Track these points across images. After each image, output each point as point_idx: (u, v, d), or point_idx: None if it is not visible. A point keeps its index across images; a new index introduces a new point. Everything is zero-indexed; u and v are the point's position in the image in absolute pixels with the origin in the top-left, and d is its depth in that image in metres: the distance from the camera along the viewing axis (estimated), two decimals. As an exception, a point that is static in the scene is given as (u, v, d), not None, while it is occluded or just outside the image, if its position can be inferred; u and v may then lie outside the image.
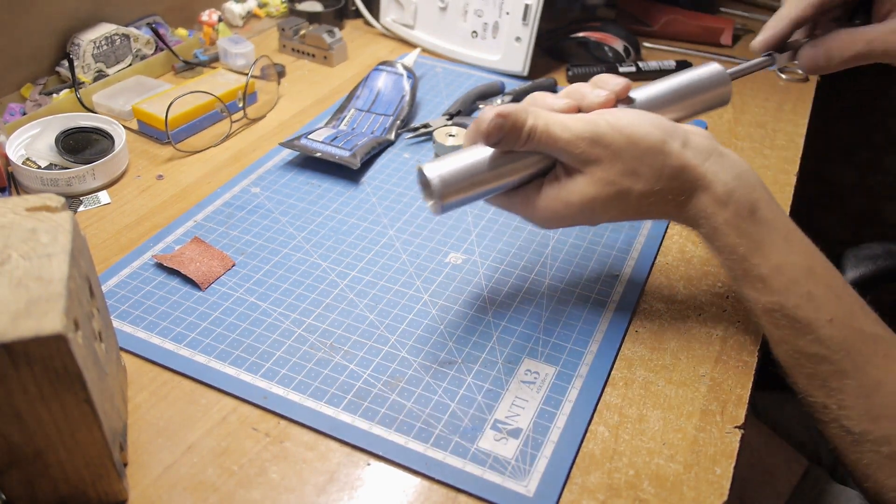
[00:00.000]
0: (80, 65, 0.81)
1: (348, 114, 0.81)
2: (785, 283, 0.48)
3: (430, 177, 0.48)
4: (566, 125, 0.48)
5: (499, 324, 0.56)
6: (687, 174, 0.49)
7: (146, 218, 0.66)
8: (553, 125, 0.48)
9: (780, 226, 0.49)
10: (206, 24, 0.95)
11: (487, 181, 0.50)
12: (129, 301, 0.57)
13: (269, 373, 0.52)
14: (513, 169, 0.50)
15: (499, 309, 0.58)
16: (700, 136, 0.51)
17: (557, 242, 0.65)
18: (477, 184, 0.50)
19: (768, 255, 0.49)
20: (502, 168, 0.50)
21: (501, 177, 0.50)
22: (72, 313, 0.37)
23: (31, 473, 0.40)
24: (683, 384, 0.52)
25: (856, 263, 0.83)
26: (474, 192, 0.50)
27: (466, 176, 0.49)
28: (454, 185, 0.49)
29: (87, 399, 0.38)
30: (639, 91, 0.53)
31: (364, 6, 1.03)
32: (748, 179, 0.50)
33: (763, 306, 0.49)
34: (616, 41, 0.94)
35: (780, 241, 0.49)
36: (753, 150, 0.80)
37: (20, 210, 0.42)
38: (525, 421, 0.49)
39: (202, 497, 0.44)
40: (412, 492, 0.45)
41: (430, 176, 0.48)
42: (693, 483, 0.46)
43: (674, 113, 0.54)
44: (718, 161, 0.49)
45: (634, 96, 0.53)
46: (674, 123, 0.51)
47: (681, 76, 0.54)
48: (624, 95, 0.52)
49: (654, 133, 0.49)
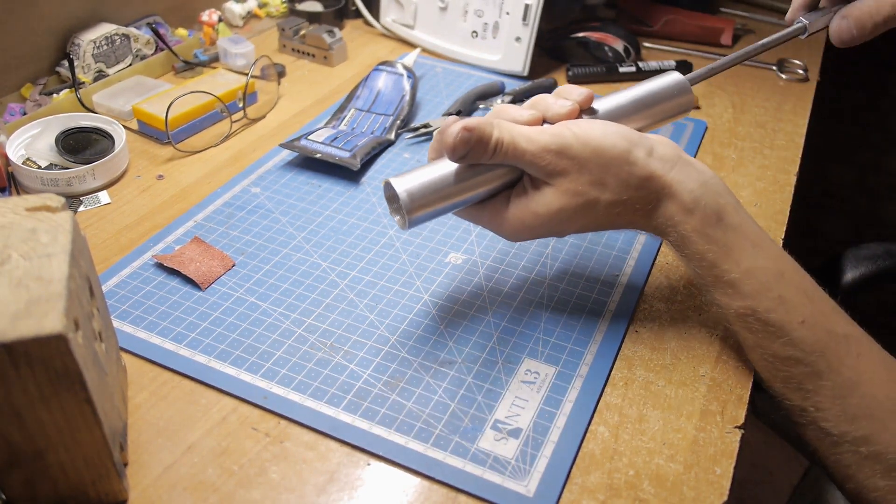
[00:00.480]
0: (80, 65, 0.81)
1: (348, 114, 0.81)
2: (756, 287, 0.48)
3: (399, 191, 0.48)
4: (532, 138, 0.49)
5: (499, 324, 0.56)
6: (653, 183, 0.49)
7: (146, 218, 0.66)
8: (519, 138, 0.49)
9: (748, 231, 0.50)
10: (206, 24, 0.95)
11: (454, 195, 0.50)
12: (129, 301, 0.57)
13: (269, 373, 0.52)
14: (479, 182, 0.50)
15: (499, 309, 0.58)
16: (665, 145, 0.51)
17: (557, 242, 0.65)
18: (444, 197, 0.50)
19: (738, 260, 0.49)
20: (469, 181, 0.50)
21: (468, 190, 0.50)
22: (72, 313, 0.37)
23: (31, 473, 0.40)
24: (683, 384, 0.52)
25: (856, 263, 0.83)
26: (441, 205, 0.50)
27: (433, 190, 0.49)
28: (421, 199, 0.49)
29: (87, 399, 0.38)
30: (602, 101, 0.54)
31: (364, 6, 1.03)
32: (714, 186, 0.50)
33: (735, 311, 0.49)
34: (616, 41, 0.94)
35: (748, 247, 0.49)
36: (753, 150, 0.80)
37: (20, 210, 0.42)
38: (525, 421, 0.49)
39: (202, 497, 0.44)
40: (412, 492, 0.45)
41: (399, 190, 0.48)
42: (693, 483, 0.46)
43: (637, 122, 0.54)
44: (684, 169, 0.50)
45: (597, 107, 0.53)
46: (639, 133, 0.51)
47: (643, 86, 0.55)
48: (587, 106, 0.53)
49: (620, 143, 0.49)
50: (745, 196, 0.72)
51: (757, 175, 0.75)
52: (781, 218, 0.69)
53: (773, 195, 0.72)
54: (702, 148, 0.80)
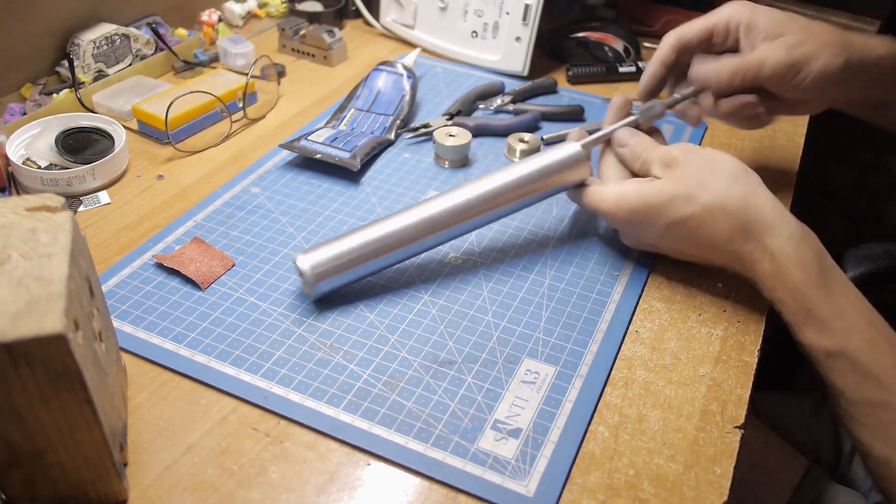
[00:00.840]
0: (80, 65, 0.81)
1: (348, 114, 0.81)
2: (847, 326, 0.49)
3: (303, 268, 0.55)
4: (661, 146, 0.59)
5: (499, 324, 0.56)
6: (756, 209, 0.52)
7: (146, 218, 0.66)
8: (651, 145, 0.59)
9: (839, 275, 0.51)
10: (206, 24, 0.95)
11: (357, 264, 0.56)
12: (129, 301, 0.57)
13: (269, 373, 0.52)
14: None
15: (499, 309, 0.58)
16: None
17: (557, 242, 0.65)
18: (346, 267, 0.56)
19: (832, 296, 0.50)
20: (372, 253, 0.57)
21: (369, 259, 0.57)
22: (72, 313, 0.37)
23: (31, 473, 0.40)
24: (683, 384, 0.52)
25: (855, 263, 0.83)
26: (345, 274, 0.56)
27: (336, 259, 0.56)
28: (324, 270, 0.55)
29: (87, 399, 0.38)
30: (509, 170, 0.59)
31: (364, 6, 1.03)
32: (810, 233, 0.53)
33: (825, 350, 0.50)
34: (616, 41, 0.94)
35: (840, 288, 0.51)
36: (753, 150, 0.80)
37: (20, 210, 0.42)
38: (525, 421, 0.49)
39: (202, 497, 0.44)
40: (412, 492, 0.45)
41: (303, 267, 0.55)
42: (693, 483, 0.46)
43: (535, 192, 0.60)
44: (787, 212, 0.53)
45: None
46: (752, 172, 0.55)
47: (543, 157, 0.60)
48: None
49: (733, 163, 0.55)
50: (745, 196, 0.72)
51: (757, 175, 0.75)
52: (781, 218, 0.69)
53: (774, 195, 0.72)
54: (702, 148, 0.80)
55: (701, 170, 0.54)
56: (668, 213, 0.54)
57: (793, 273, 0.51)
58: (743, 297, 0.59)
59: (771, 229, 0.52)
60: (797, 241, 0.51)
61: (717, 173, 0.54)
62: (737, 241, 0.53)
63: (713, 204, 0.53)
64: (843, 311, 0.50)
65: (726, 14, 0.61)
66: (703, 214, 0.53)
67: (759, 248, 0.52)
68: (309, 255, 0.56)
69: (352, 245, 0.56)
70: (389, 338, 0.55)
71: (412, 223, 0.57)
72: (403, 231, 0.57)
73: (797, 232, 0.52)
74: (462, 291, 0.59)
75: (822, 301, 0.50)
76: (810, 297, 0.50)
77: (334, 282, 0.56)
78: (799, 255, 0.51)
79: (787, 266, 0.51)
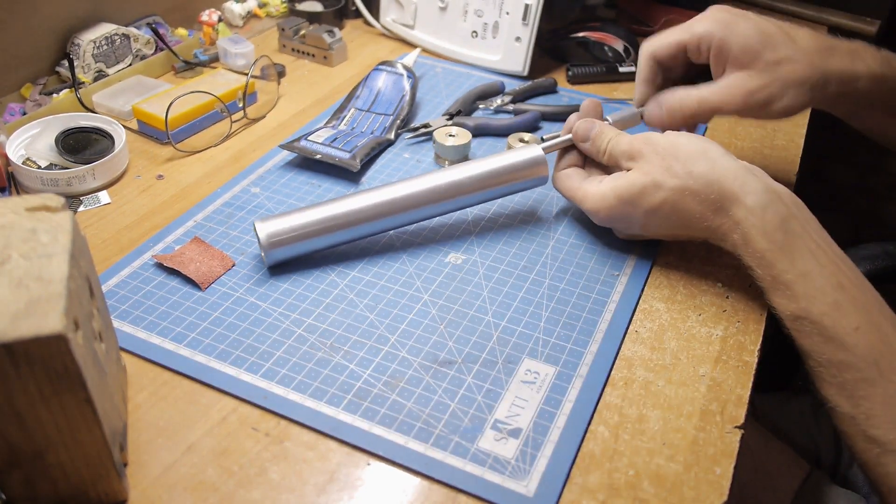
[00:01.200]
0: (80, 65, 0.81)
1: (348, 113, 0.81)
2: (811, 290, 0.50)
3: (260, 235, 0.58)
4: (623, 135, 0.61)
5: (499, 324, 0.56)
6: (720, 184, 0.53)
7: (146, 218, 0.66)
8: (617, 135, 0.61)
9: (809, 240, 0.52)
10: (206, 24, 0.95)
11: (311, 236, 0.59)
12: (129, 301, 0.57)
13: (269, 373, 0.52)
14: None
15: (499, 309, 0.58)
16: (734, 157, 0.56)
17: (557, 242, 0.65)
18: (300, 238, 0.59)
19: (795, 262, 0.51)
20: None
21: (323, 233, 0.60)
22: (72, 313, 0.37)
23: (31, 473, 0.40)
24: (683, 384, 0.52)
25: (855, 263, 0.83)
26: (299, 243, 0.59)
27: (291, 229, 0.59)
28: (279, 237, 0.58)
29: (87, 399, 0.38)
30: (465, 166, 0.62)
31: (364, 6, 1.03)
32: (784, 198, 0.53)
33: (791, 313, 0.51)
34: (616, 41, 0.94)
35: (806, 252, 0.51)
36: (753, 150, 0.80)
37: (20, 210, 0.42)
38: (525, 421, 0.49)
39: (202, 497, 0.44)
40: (412, 492, 0.45)
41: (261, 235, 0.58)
42: (693, 483, 0.46)
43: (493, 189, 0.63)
44: (751, 177, 0.53)
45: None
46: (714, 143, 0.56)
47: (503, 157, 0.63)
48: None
49: (695, 142, 0.56)
50: (745, 196, 0.72)
51: (757, 175, 0.75)
52: (781, 218, 0.69)
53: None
54: (702, 148, 0.80)
55: (663, 156, 0.56)
56: (643, 204, 0.57)
57: (757, 241, 0.52)
58: (743, 297, 0.59)
59: (736, 200, 0.53)
60: (761, 209, 0.52)
61: (679, 156, 0.55)
62: (709, 217, 0.54)
63: (679, 187, 0.55)
64: (806, 276, 0.51)
65: (699, 32, 0.62)
66: (673, 198, 0.55)
67: (728, 220, 0.54)
68: (268, 223, 0.59)
69: (310, 219, 0.59)
70: (389, 338, 0.55)
71: (372, 203, 0.60)
72: (363, 210, 0.60)
73: (762, 199, 0.52)
74: (462, 291, 0.59)
75: (785, 266, 0.51)
76: (774, 264, 0.52)
77: (287, 251, 0.59)
78: (763, 222, 0.52)
79: (752, 234, 0.52)
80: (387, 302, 0.58)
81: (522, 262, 0.63)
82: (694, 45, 0.62)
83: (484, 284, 0.60)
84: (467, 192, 0.62)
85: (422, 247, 0.64)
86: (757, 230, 0.52)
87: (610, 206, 0.58)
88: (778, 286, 0.52)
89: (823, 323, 0.49)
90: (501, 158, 0.63)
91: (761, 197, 0.53)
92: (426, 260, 0.62)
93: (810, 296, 0.50)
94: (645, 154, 0.57)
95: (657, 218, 0.57)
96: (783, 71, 0.59)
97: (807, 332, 0.51)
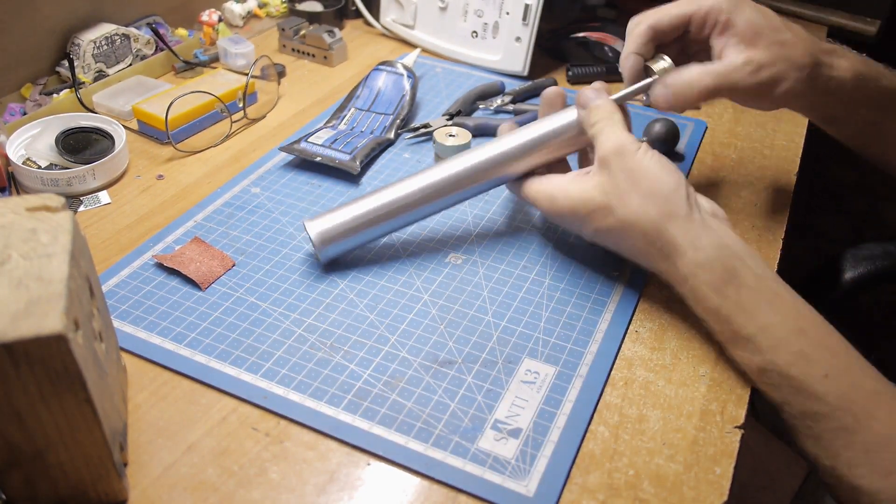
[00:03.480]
0: (81, 65, 0.81)
1: (348, 113, 0.81)
2: (773, 341, 0.49)
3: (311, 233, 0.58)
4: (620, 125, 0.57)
5: (499, 324, 0.56)
6: (666, 234, 0.52)
7: (146, 218, 0.66)
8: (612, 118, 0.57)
9: (764, 289, 0.50)
10: (206, 24, 0.95)
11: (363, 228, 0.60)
12: (129, 301, 0.57)
13: (269, 373, 0.52)
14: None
15: (499, 309, 0.58)
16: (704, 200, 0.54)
17: (557, 243, 0.65)
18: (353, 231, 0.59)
19: (752, 315, 0.50)
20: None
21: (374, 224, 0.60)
22: (72, 313, 0.37)
23: (31, 473, 0.40)
24: (683, 384, 0.52)
25: (854, 264, 0.83)
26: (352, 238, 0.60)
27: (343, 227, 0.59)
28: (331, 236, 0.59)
29: (87, 399, 0.38)
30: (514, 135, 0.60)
31: (364, 6, 1.03)
32: (732, 249, 0.51)
33: (757, 367, 0.50)
34: (616, 41, 0.94)
35: (763, 303, 0.50)
36: (753, 150, 0.80)
37: (20, 210, 0.42)
38: (525, 421, 0.49)
39: (202, 497, 0.44)
40: (412, 492, 0.45)
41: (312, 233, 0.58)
42: (693, 483, 0.46)
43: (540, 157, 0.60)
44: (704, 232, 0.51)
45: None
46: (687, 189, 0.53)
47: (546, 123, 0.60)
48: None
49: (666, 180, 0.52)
50: (745, 196, 0.72)
51: (757, 175, 0.75)
52: (781, 218, 0.69)
53: (773, 195, 0.72)
54: (702, 148, 0.80)
55: (624, 181, 0.53)
56: (592, 222, 0.56)
57: (709, 298, 0.51)
58: (743, 297, 0.59)
59: (682, 254, 0.51)
60: (710, 264, 0.50)
61: (638, 187, 0.53)
62: (653, 258, 0.54)
63: (627, 220, 0.53)
64: (767, 328, 0.49)
65: (708, 4, 0.59)
66: (619, 227, 0.54)
67: (673, 269, 0.53)
68: (317, 221, 0.59)
69: (358, 212, 0.59)
70: (389, 338, 0.55)
71: (417, 188, 0.60)
72: (408, 196, 0.60)
73: (710, 255, 0.51)
74: (462, 291, 0.59)
75: (743, 321, 0.50)
76: (731, 319, 0.50)
77: (341, 246, 0.60)
78: (712, 279, 0.50)
79: (702, 290, 0.51)
80: (387, 302, 0.58)
81: (522, 262, 0.63)
82: (700, 17, 0.60)
83: (484, 284, 0.60)
84: (510, 165, 0.60)
85: (422, 247, 0.64)
86: (707, 286, 0.51)
87: (558, 211, 0.57)
88: (738, 340, 0.50)
89: (790, 373, 0.48)
90: (541, 125, 0.60)
91: (709, 253, 0.51)
92: (426, 260, 0.62)
93: (774, 347, 0.49)
94: (611, 168, 0.54)
95: (604, 238, 0.56)
96: (786, 51, 0.58)
97: (775, 385, 0.49)
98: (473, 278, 0.61)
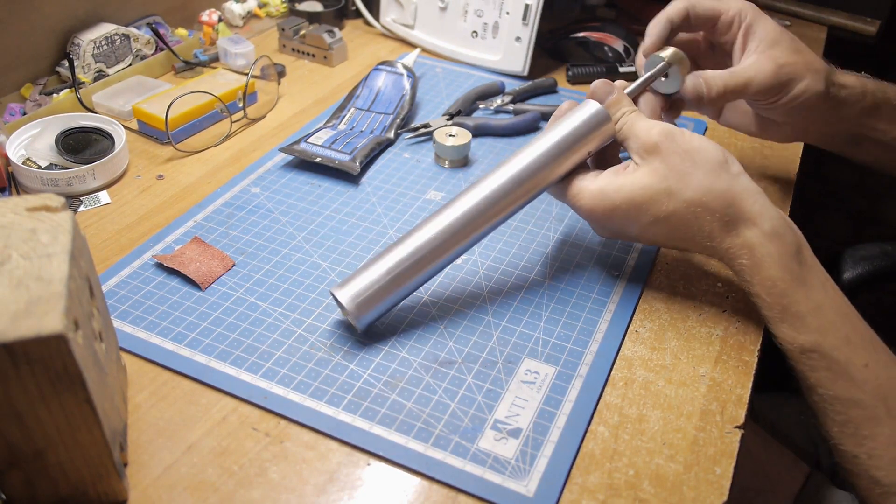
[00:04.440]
0: (80, 65, 0.81)
1: (348, 113, 0.81)
2: (823, 323, 0.49)
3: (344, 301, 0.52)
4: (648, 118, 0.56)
5: (499, 324, 0.56)
6: (737, 205, 0.51)
7: (146, 218, 0.66)
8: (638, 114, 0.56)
9: (818, 271, 0.51)
10: (206, 24, 0.95)
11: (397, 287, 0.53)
12: (129, 301, 0.57)
13: (269, 373, 0.52)
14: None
15: (499, 309, 0.58)
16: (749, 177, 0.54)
17: (557, 242, 0.65)
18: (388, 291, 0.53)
19: (810, 293, 0.50)
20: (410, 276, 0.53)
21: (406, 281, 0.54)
22: (72, 313, 0.37)
23: (31, 473, 0.40)
24: (683, 384, 0.52)
25: (852, 264, 0.83)
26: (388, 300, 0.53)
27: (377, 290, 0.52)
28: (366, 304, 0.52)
29: (87, 399, 0.38)
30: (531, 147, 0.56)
31: (364, 6, 1.03)
32: (792, 226, 0.52)
33: (800, 346, 0.50)
34: (616, 41, 0.94)
35: (818, 284, 0.50)
36: (753, 150, 0.80)
37: (20, 210, 0.42)
38: (525, 421, 0.49)
39: (202, 497, 0.44)
40: (412, 492, 0.45)
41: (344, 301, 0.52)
42: (693, 483, 0.46)
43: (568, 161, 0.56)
44: (769, 202, 0.52)
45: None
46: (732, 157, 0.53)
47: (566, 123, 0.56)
48: None
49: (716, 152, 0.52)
50: (745, 196, 0.72)
51: (757, 175, 0.75)
52: (781, 218, 0.69)
53: (773, 195, 0.72)
54: (702, 148, 0.80)
55: (682, 160, 0.51)
56: (651, 211, 0.52)
57: (770, 269, 0.50)
58: (743, 297, 0.59)
59: (752, 224, 0.51)
60: (778, 237, 0.50)
61: (699, 165, 0.51)
62: (717, 237, 0.52)
63: (695, 200, 0.51)
64: (820, 308, 0.50)
65: (736, 8, 0.62)
66: (684, 211, 0.52)
67: (738, 242, 0.51)
68: (346, 286, 0.52)
69: (387, 266, 0.52)
70: (389, 338, 0.55)
71: (447, 225, 0.53)
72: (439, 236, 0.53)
73: (778, 227, 0.51)
74: (462, 291, 0.59)
75: (799, 297, 0.50)
76: (787, 294, 0.50)
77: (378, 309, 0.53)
78: (778, 250, 0.50)
79: (766, 262, 0.50)
80: (387, 302, 0.58)
81: (522, 262, 0.63)
82: (729, 17, 0.62)
83: (484, 284, 0.60)
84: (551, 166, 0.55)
85: (422, 247, 0.64)
86: (771, 258, 0.50)
87: (612, 207, 0.53)
88: (787, 317, 0.50)
89: (835, 356, 0.48)
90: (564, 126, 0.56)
91: (777, 223, 0.51)
92: (426, 260, 0.62)
93: (823, 329, 0.49)
94: (663, 152, 0.52)
95: (661, 227, 0.53)
96: (804, 57, 0.61)
97: (815, 367, 0.49)
98: (473, 278, 0.61)
